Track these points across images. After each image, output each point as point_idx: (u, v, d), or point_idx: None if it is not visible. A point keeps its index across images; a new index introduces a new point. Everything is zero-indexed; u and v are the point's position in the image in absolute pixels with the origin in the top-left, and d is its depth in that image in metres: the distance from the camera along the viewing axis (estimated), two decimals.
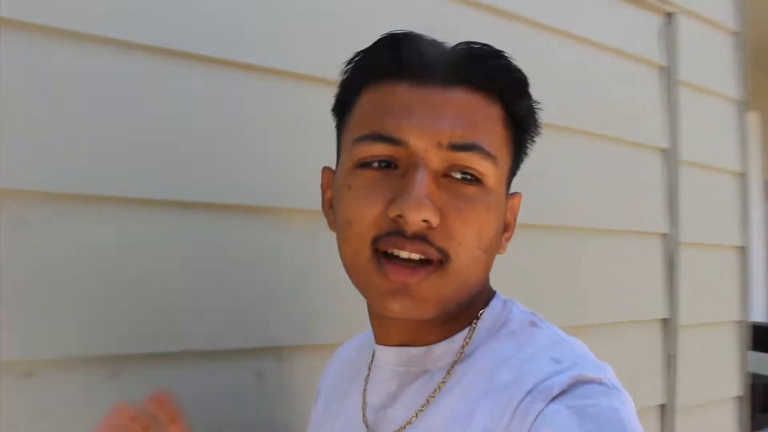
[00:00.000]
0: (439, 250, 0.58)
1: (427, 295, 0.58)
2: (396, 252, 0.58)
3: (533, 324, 0.66)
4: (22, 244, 0.78)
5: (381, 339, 0.69)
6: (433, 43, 0.63)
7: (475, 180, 0.60)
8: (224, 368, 0.96)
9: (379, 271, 0.59)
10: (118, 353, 0.86)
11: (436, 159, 0.59)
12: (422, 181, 0.57)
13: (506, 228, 0.67)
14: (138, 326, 0.88)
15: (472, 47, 0.62)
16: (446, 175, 0.59)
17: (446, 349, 0.65)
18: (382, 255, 0.59)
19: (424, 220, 0.56)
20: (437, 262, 0.58)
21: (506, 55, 0.63)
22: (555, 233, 1.44)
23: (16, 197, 0.79)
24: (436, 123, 0.59)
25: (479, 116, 0.61)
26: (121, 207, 0.86)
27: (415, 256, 0.58)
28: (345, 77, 0.67)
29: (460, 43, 0.63)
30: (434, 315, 0.60)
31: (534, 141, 0.68)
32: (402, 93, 0.61)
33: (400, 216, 0.56)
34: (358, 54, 0.65)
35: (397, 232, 0.57)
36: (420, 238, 0.57)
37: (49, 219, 0.79)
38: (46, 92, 0.82)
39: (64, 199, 0.80)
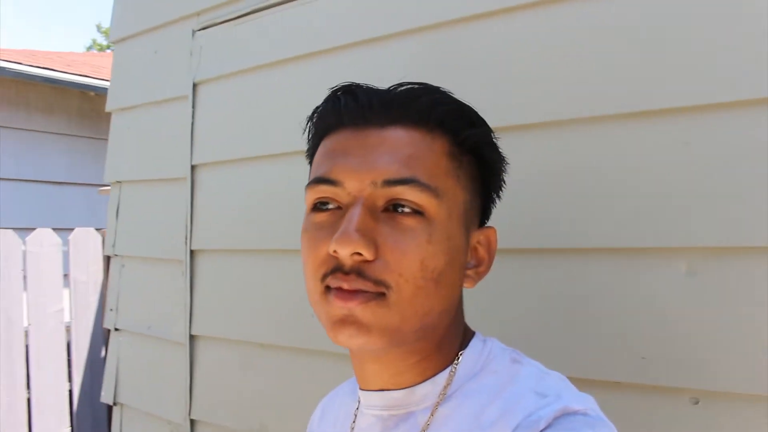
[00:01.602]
0: (377, 282, 0.59)
1: (369, 323, 0.59)
2: (339, 286, 0.59)
3: (515, 361, 0.67)
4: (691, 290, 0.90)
5: (363, 384, 0.70)
6: (370, 90, 0.65)
7: (415, 212, 0.61)
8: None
9: (327, 301, 0.60)
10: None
11: (372, 196, 0.61)
12: (354, 217, 0.59)
13: (478, 263, 0.68)
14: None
15: (405, 88, 0.64)
16: (387, 209, 0.61)
17: (428, 390, 0.65)
18: (331, 289, 0.60)
19: (355, 253, 0.58)
20: (377, 293, 0.59)
21: (443, 90, 0.66)
22: None
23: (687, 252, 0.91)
24: (371, 162, 0.61)
25: (416, 151, 0.62)
26: None
27: (355, 287, 0.59)
28: (308, 131, 0.71)
29: (395, 85, 0.65)
30: (382, 345, 0.60)
31: (498, 171, 0.70)
32: (342, 139, 0.64)
33: (335, 251, 0.59)
34: (314, 110, 0.69)
35: (337, 268, 0.59)
36: (356, 272, 0.59)
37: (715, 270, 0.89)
38: None
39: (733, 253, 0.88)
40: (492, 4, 1.09)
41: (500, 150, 0.70)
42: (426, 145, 0.63)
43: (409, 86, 0.65)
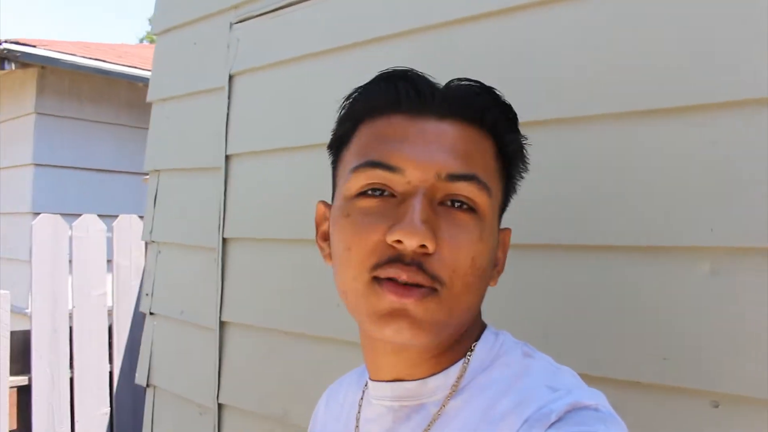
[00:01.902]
0: (433, 277, 0.58)
1: (423, 318, 0.58)
2: (395, 278, 0.58)
3: (527, 354, 0.67)
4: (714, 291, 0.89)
5: (374, 374, 0.69)
6: (428, 80, 0.65)
7: (470, 209, 0.61)
8: None
9: (376, 292, 0.59)
10: None
11: (433, 188, 0.60)
12: (420, 208, 0.58)
13: (496, 263, 0.69)
14: None
15: (465, 83, 0.64)
16: (442, 203, 0.61)
17: (441, 382, 0.65)
18: (381, 280, 0.59)
19: (422, 245, 0.57)
20: (430, 289, 0.58)
21: (497, 91, 0.66)
22: None
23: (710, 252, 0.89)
24: (434, 153, 0.60)
25: (474, 148, 0.63)
26: None
27: (411, 281, 0.58)
28: (343, 113, 0.69)
29: (454, 79, 0.65)
30: (427, 341, 0.60)
31: (522, 177, 0.71)
32: (398, 124, 0.63)
33: (399, 241, 0.57)
34: (355, 90, 0.68)
35: (395, 259, 0.58)
36: (416, 264, 0.58)
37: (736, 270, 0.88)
38: None
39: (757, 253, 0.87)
40: None
41: (527, 154, 0.71)
42: (480, 143, 0.64)
43: (468, 83, 0.65)
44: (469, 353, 0.66)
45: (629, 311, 0.95)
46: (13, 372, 2.82)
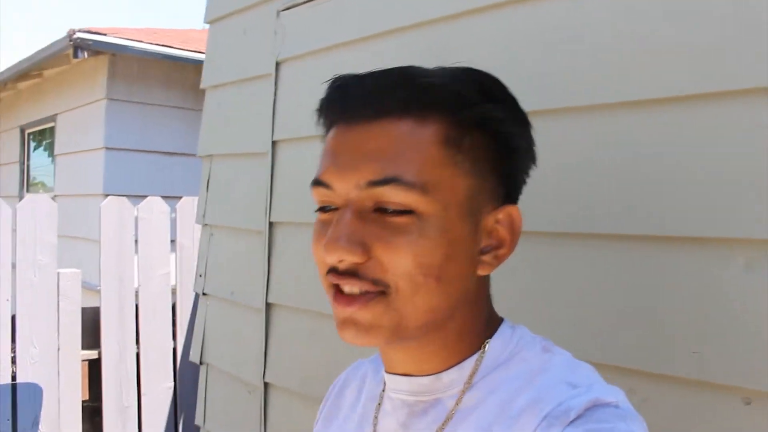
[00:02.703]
0: (375, 281, 0.59)
1: (369, 324, 0.59)
2: (340, 286, 0.60)
3: (546, 350, 0.65)
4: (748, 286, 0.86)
5: (388, 367, 0.69)
6: (361, 82, 0.62)
7: (406, 211, 0.59)
8: None
9: (332, 300, 0.62)
10: None
11: (359, 198, 0.60)
12: (339, 223, 0.59)
13: (499, 244, 0.65)
14: None
15: (385, 76, 0.61)
16: (377, 210, 0.60)
17: (455, 377, 0.64)
18: (334, 287, 0.61)
19: (341, 260, 0.59)
20: (376, 293, 0.59)
21: (434, 70, 0.62)
22: None
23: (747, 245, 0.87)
24: (354, 163, 0.60)
25: (401, 145, 0.59)
26: None
27: (354, 290, 0.59)
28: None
29: (377, 72, 0.62)
30: (384, 342, 0.61)
31: (517, 145, 0.65)
32: (334, 138, 0.63)
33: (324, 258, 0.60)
34: (320, 101, 0.67)
35: (332, 269, 0.60)
36: (350, 273, 0.59)
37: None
38: None
39: None
40: None
41: (520, 122, 0.65)
42: (412, 136, 0.59)
43: (387, 73, 0.61)
44: (483, 348, 0.65)
45: (661, 302, 0.93)
46: (85, 346, 2.98)
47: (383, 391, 0.72)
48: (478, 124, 0.61)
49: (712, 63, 0.89)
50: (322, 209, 0.63)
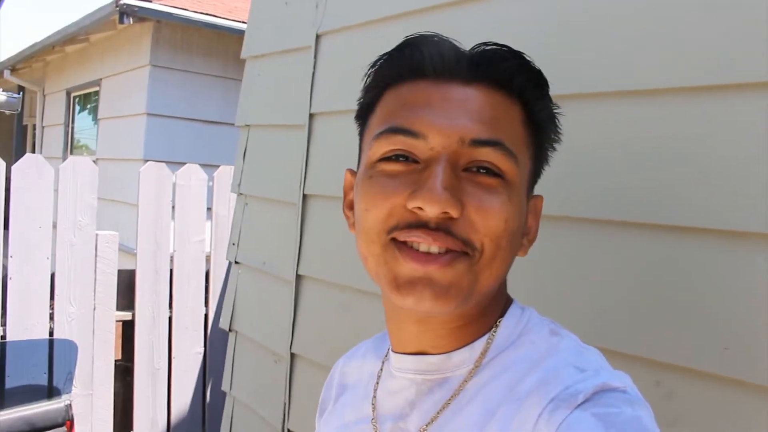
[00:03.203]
0: (465, 242, 0.57)
1: (449, 284, 0.57)
2: (415, 245, 0.57)
3: (554, 333, 0.65)
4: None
5: (397, 346, 0.68)
6: (454, 45, 0.63)
7: (496, 175, 0.59)
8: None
9: (396, 257, 0.58)
10: None
11: (457, 154, 0.59)
12: (442, 174, 0.57)
13: (527, 231, 0.67)
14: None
15: (492, 48, 0.62)
16: (467, 169, 0.59)
17: (465, 357, 0.64)
18: (400, 244, 0.58)
19: (444, 212, 0.56)
20: (460, 253, 0.57)
21: (526, 56, 0.63)
22: None
23: None
24: (458, 119, 0.59)
25: (501, 114, 0.61)
26: None
27: (435, 249, 0.57)
28: (368, 81, 0.68)
29: (480, 43, 0.63)
30: (450, 309, 0.58)
31: (554, 147, 0.69)
32: (422, 89, 0.62)
33: (420, 208, 0.56)
34: (380, 57, 0.66)
35: (417, 224, 0.57)
36: (443, 230, 0.57)
37: None
38: None
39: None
40: None
41: (559, 123, 0.68)
42: (508, 109, 0.62)
43: (495, 47, 0.62)
44: (494, 328, 0.65)
45: (693, 296, 0.91)
46: (119, 307, 3.05)
47: (380, 370, 0.73)
48: (543, 118, 0.65)
49: (744, 53, 0.86)
50: (389, 159, 0.61)
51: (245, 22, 5.39)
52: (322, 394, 0.88)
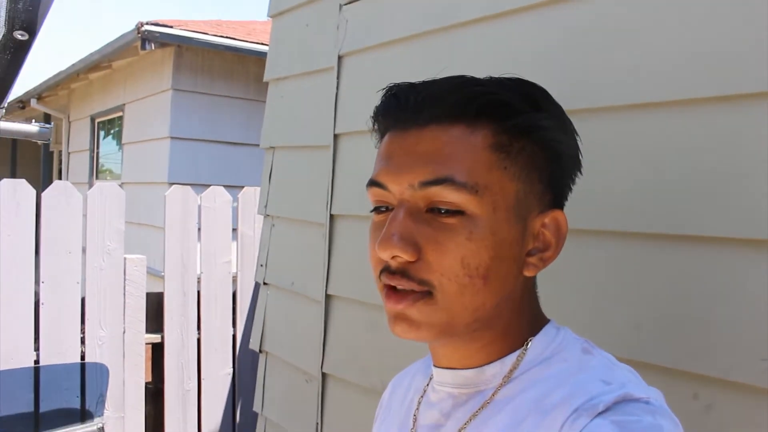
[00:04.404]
0: (421, 282, 0.61)
1: (418, 321, 0.62)
2: (389, 284, 0.63)
3: (586, 351, 0.67)
4: None
5: (436, 361, 0.72)
6: (414, 89, 0.65)
7: (456, 212, 0.61)
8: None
9: (384, 298, 0.64)
10: None
11: (413, 198, 0.63)
12: (393, 222, 0.62)
13: (545, 248, 0.67)
14: None
15: (437, 84, 0.64)
16: (430, 210, 0.63)
17: (497, 370, 0.67)
18: (386, 286, 0.64)
19: (395, 256, 0.61)
20: (423, 293, 0.62)
21: (483, 80, 0.65)
22: None
23: None
24: (407, 164, 0.63)
25: (454, 148, 0.62)
26: None
27: (401, 287, 0.62)
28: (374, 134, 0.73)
29: (430, 81, 0.65)
30: (433, 338, 0.64)
31: (563, 152, 0.67)
32: (391, 141, 0.66)
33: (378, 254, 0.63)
34: (375, 107, 0.70)
35: (384, 268, 0.63)
36: (400, 273, 0.62)
37: None
38: None
39: None
40: None
41: (565, 130, 0.68)
42: (465, 140, 0.62)
43: (440, 82, 0.64)
44: (525, 345, 0.67)
45: (728, 305, 0.90)
46: (149, 330, 3.08)
47: (427, 385, 0.76)
48: (525, 131, 0.64)
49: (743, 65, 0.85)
50: (378, 210, 0.67)
51: (265, 44, 5.45)
52: (376, 411, 0.91)
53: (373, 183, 0.66)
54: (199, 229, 3.24)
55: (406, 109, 0.64)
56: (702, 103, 0.94)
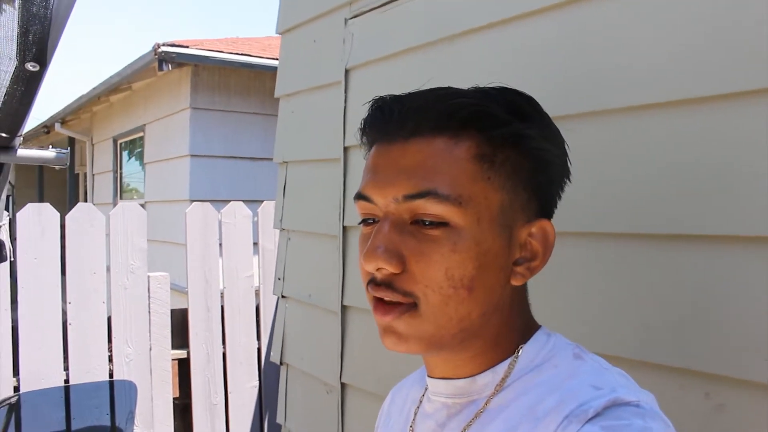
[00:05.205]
0: (406, 294, 0.62)
1: (406, 334, 0.63)
2: (376, 296, 0.64)
3: (577, 356, 0.67)
4: None
5: (429, 371, 0.73)
6: (397, 102, 0.65)
7: (440, 223, 0.62)
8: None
9: (373, 311, 0.65)
10: None
11: (398, 211, 0.63)
12: (378, 234, 0.63)
13: (532, 257, 0.67)
14: None
15: (421, 96, 0.65)
16: (415, 223, 0.63)
17: (489, 379, 0.68)
18: (374, 297, 0.65)
19: (379, 268, 0.62)
20: (409, 305, 0.62)
21: (466, 92, 0.65)
22: None
23: None
24: (394, 178, 0.63)
25: (436, 161, 0.63)
26: None
27: (387, 299, 0.63)
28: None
29: (414, 93, 0.66)
30: (423, 351, 0.64)
31: (549, 161, 0.67)
32: (375, 154, 0.67)
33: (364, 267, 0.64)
34: (361, 121, 0.70)
35: (371, 280, 0.64)
36: (385, 284, 0.63)
37: None
38: None
39: None
40: None
41: (552, 139, 0.67)
42: (448, 152, 0.63)
43: (424, 94, 0.65)
44: (516, 353, 0.68)
45: (738, 304, 0.90)
46: (174, 346, 3.13)
47: (423, 395, 0.77)
48: (509, 141, 0.64)
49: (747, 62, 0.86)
50: (365, 222, 0.68)
51: None
52: (376, 421, 0.92)
53: (359, 196, 0.67)
54: (220, 245, 3.28)
55: (390, 121, 0.65)
56: (702, 103, 0.94)
